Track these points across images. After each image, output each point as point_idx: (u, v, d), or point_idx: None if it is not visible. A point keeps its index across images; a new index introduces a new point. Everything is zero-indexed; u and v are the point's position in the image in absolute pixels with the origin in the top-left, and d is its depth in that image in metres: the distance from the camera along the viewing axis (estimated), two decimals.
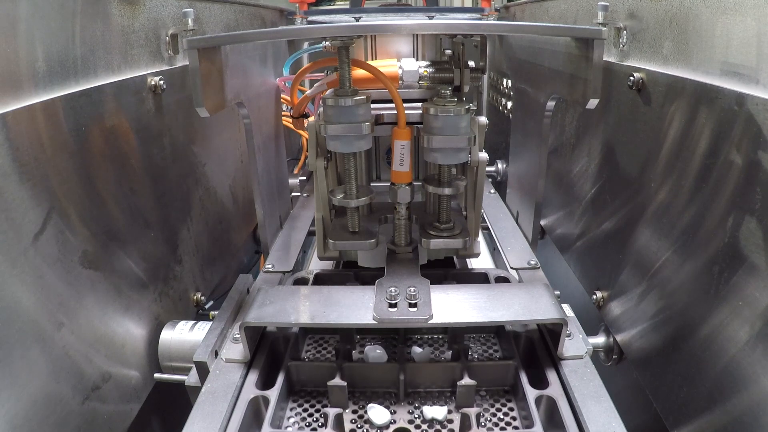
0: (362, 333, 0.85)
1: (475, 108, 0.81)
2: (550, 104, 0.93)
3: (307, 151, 1.06)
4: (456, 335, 0.81)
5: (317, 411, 0.72)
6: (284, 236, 1.10)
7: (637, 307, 0.81)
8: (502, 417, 0.71)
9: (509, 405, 0.72)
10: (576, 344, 0.75)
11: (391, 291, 0.75)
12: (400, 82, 0.88)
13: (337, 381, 0.70)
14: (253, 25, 1.35)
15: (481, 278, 0.92)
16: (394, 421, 0.69)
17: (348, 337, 0.82)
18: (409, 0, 2.16)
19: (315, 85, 0.89)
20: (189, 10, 0.78)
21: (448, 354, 0.81)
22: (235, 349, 0.75)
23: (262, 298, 0.77)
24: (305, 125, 0.87)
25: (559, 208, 1.15)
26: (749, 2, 0.58)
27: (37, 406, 0.61)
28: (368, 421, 0.69)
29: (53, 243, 0.64)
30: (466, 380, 0.69)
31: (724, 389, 0.61)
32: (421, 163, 1.04)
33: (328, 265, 1.18)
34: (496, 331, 0.86)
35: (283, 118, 1.15)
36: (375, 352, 0.80)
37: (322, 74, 0.96)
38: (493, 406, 0.72)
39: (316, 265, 1.19)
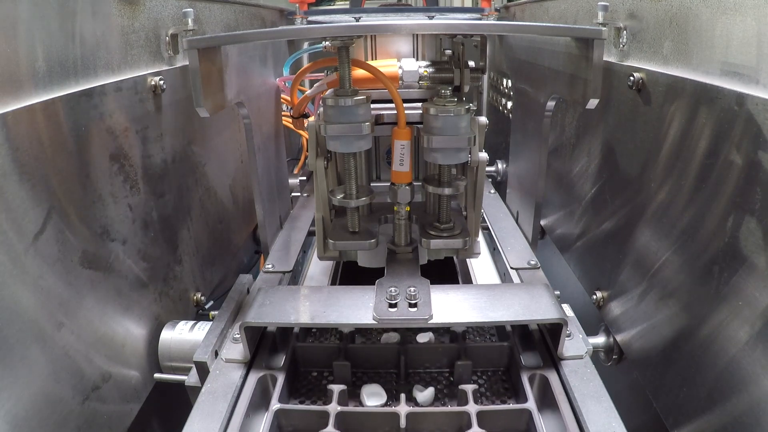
0: (360, 366, 0.78)
1: (475, 108, 0.81)
2: (550, 104, 0.93)
3: (307, 151, 1.06)
4: (463, 372, 0.75)
5: None
6: (284, 236, 1.10)
7: (637, 307, 0.81)
8: None
9: None
10: (576, 344, 0.75)
11: (391, 291, 0.75)
12: (400, 82, 0.88)
13: (330, 430, 0.64)
14: (253, 25, 1.35)
15: None
16: None
17: (343, 376, 0.75)
18: (409, 0, 2.16)
19: (315, 85, 0.89)
20: (189, 10, 0.78)
21: (454, 391, 0.74)
22: (235, 349, 0.75)
23: (262, 298, 0.77)
24: (305, 125, 0.87)
25: (559, 208, 1.15)
26: (749, 2, 0.58)
27: (37, 406, 0.61)
28: None
29: (53, 243, 0.64)
30: (476, 429, 0.64)
31: (724, 389, 0.61)
32: (421, 163, 1.04)
33: (327, 266, 1.18)
34: (507, 368, 0.80)
35: (283, 118, 1.15)
36: (372, 393, 0.73)
37: (322, 74, 0.96)
38: None
39: (316, 265, 1.20)
